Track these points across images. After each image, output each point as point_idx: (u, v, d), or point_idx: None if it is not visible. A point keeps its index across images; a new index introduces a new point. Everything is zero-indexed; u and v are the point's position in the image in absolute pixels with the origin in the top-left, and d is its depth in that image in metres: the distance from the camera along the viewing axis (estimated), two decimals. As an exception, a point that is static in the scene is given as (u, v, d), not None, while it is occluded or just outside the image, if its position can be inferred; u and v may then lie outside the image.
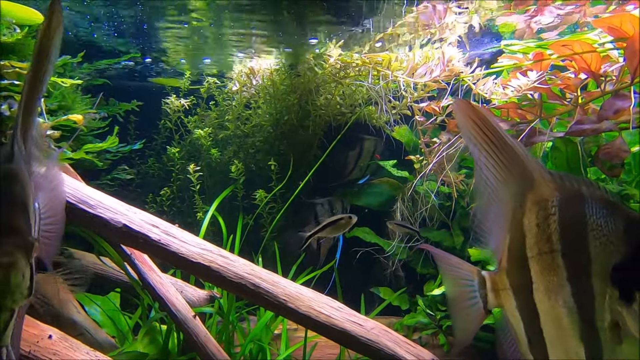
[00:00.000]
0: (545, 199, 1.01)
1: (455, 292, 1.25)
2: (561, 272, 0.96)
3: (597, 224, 0.93)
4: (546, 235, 0.99)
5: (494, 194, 1.10)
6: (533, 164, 1.04)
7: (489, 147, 1.07)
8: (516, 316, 1.08)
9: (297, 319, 2.09)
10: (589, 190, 0.97)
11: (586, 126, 1.96)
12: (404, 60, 2.66)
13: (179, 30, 3.23)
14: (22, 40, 1.79)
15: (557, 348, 0.99)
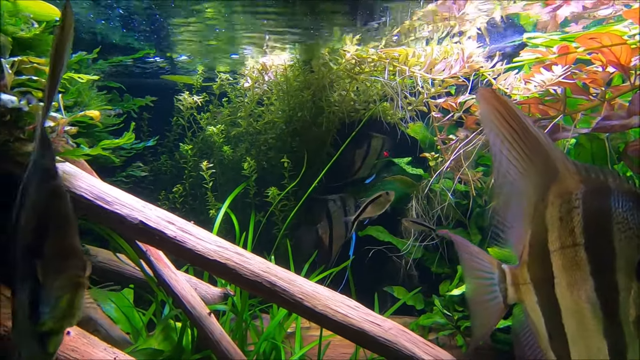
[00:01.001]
0: (570, 192, 0.98)
1: (474, 284, 1.23)
2: (584, 267, 0.94)
3: (622, 218, 0.91)
4: (569, 228, 0.97)
5: (516, 187, 1.07)
6: (557, 154, 1.01)
7: (512, 137, 1.03)
8: (537, 311, 1.06)
9: (314, 318, 2.06)
10: (615, 182, 0.94)
11: (614, 122, 1.89)
12: (421, 55, 2.60)
13: (191, 26, 3.22)
14: (39, 35, 1.78)
15: (579, 343, 0.96)
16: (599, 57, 1.96)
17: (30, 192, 0.92)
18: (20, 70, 1.65)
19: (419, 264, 3.39)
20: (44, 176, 0.93)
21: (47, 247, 0.88)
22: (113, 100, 2.79)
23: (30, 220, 0.91)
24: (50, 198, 0.92)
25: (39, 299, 0.85)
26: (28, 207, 0.91)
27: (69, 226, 0.91)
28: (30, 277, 0.87)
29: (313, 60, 3.37)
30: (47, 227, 0.90)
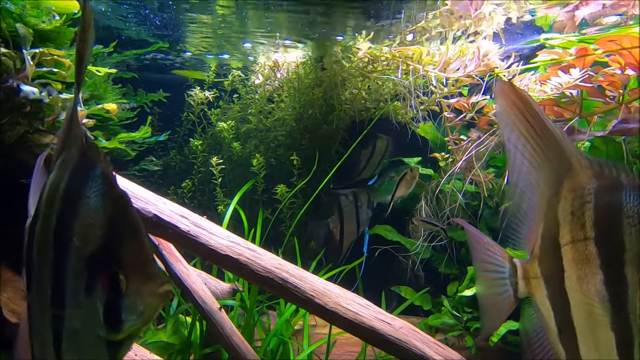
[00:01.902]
0: (582, 186, 0.98)
1: (485, 277, 1.24)
2: (594, 260, 0.95)
3: (633, 212, 0.91)
4: (580, 222, 0.97)
5: (530, 181, 1.08)
6: (572, 149, 1.01)
7: (528, 131, 1.04)
8: (546, 305, 1.06)
9: (324, 315, 2.06)
10: (627, 178, 0.95)
11: (632, 125, 1.88)
12: (435, 55, 2.59)
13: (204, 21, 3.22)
14: (59, 28, 1.79)
15: (587, 337, 0.97)
16: (618, 59, 1.95)
17: (90, 200, 0.88)
18: (40, 62, 1.65)
19: (426, 265, 3.38)
20: (106, 183, 0.89)
21: (124, 256, 0.86)
22: (127, 94, 2.80)
23: (93, 229, 0.87)
24: (119, 205, 0.89)
25: (120, 308, 0.85)
26: (87, 215, 0.87)
27: (142, 233, 0.89)
28: (97, 286, 0.85)
29: (325, 57, 3.36)
30: (120, 235, 0.87)
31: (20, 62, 1.62)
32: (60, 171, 0.95)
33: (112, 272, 0.85)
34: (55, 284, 0.89)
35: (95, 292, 0.86)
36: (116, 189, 0.90)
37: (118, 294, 0.85)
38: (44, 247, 0.92)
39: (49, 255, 0.90)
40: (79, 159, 0.93)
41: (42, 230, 0.93)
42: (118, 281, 0.85)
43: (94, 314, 0.86)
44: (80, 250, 0.87)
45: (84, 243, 0.87)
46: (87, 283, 0.86)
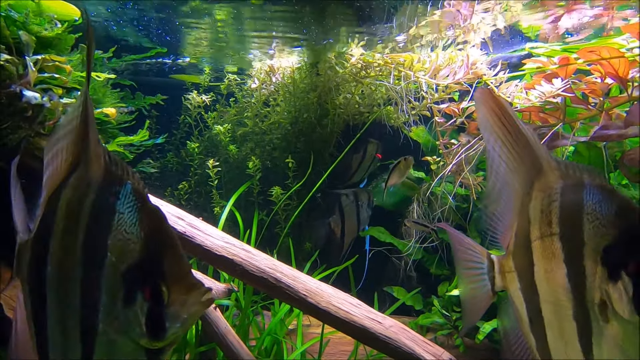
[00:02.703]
0: (551, 186, 1.06)
1: (465, 274, 1.31)
2: (558, 255, 1.02)
3: (592, 209, 0.99)
4: (548, 220, 1.05)
5: (506, 182, 1.16)
6: (542, 152, 1.09)
7: (504, 135, 1.12)
8: (519, 297, 1.13)
9: (317, 314, 2.12)
10: (589, 177, 1.03)
11: (612, 131, 1.96)
12: (426, 62, 2.67)
13: (201, 27, 3.28)
14: (61, 35, 1.84)
15: (554, 327, 1.04)
16: (598, 68, 2.03)
17: (124, 216, 0.90)
18: (42, 68, 1.71)
19: (418, 265, 3.45)
20: (139, 199, 0.91)
21: (166, 268, 0.89)
22: (125, 98, 2.86)
23: (130, 244, 0.89)
24: (154, 220, 0.92)
25: (163, 317, 0.88)
26: (122, 231, 0.89)
27: (179, 246, 0.92)
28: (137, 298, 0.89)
29: (320, 63, 3.44)
30: (159, 248, 0.90)
31: (22, 68, 1.67)
32: (81, 187, 0.93)
33: (155, 284, 0.88)
34: (86, 298, 0.90)
35: (136, 304, 0.89)
36: (149, 204, 0.92)
37: (161, 304, 0.88)
38: (67, 264, 0.92)
39: (75, 271, 0.91)
40: (106, 175, 0.93)
41: (64, 247, 0.92)
42: (161, 292, 0.88)
43: (134, 324, 0.89)
44: (116, 265, 0.89)
45: (120, 258, 0.89)
46: (125, 295, 0.89)
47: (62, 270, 0.93)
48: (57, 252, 0.94)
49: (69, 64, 1.84)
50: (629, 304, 0.93)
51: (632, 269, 0.93)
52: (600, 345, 0.98)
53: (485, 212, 1.21)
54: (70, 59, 1.93)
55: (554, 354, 1.06)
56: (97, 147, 0.95)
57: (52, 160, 1.02)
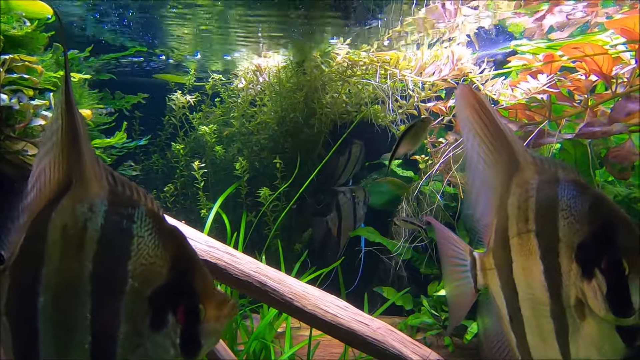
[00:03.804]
0: (527, 182, 1.05)
1: (450, 271, 1.29)
2: (535, 252, 1.01)
3: (566, 205, 0.98)
4: (525, 216, 1.04)
5: (485, 178, 1.15)
6: (519, 148, 1.09)
7: (483, 130, 1.11)
8: (500, 295, 1.13)
9: (303, 318, 2.09)
10: (563, 173, 1.02)
11: (596, 128, 1.96)
12: (412, 59, 2.64)
13: (184, 25, 3.22)
14: (31, 33, 1.78)
15: (532, 325, 1.03)
16: (583, 65, 2.03)
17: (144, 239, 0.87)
18: (11, 68, 1.64)
19: (408, 265, 3.44)
20: (156, 220, 0.88)
21: (197, 286, 0.88)
22: (104, 99, 2.78)
23: (154, 267, 0.86)
24: (176, 240, 0.89)
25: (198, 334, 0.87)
26: (144, 254, 0.86)
27: (200, 262, 0.90)
28: (167, 320, 0.86)
29: (306, 62, 3.40)
30: (186, 268, 0.88)
31: (-10, 69, 1.60)
32: (78, 211, 0.87)
33: (190, 303, 0.86)
34: (98, 330, 0.84)
35: (167, 326, 0.86)
36: (167, 224, 0.89)
37: (195, 322, 0.87)
38: (69, 294, 0.85)
39: (82, 301, 0.84)
40: (112, 197, 0.88)
41: (63, 277, 0.85)
42: (197, 310, 0.87)
43: (167, 347, 0.86)
44: (139, 291, 0.85)
45: (145, 283, 0.85)
46: (152, 320, 0.85)
47: (63, 301, 0.86)
48: (52, 282, 0.86)
49: (41, 64, 1.77)
50: (603, 302, 0.92)
51: (605, 266, 0.92)
52: (577, 343, 0.97)
53: (468, 210, 1.19)
54: (43, 59, 1.86)
55: (533, 352, 1.05)
56: (94, 165, 0.89)
57: (36, 180, 0.94)
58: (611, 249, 0.93)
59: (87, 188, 0.89)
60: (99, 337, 0.85)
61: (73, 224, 0.87)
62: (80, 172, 0.89)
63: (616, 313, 0.91)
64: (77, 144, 0.88)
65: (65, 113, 0.88)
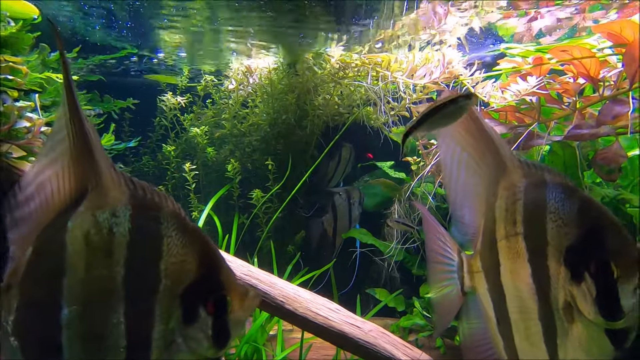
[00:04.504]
0: (514, 185, 1.06)
1: (435, 268, 1.28)
2: (523, 254, 1.01)
3: (554, 208, 0.98)
4: (512, 219, 1.05)
5: (468, 184, 1.15)
6: (506, 151, 1.09)
7: (468, 136, 1.11)
8: (487, 298, 1.13)
9: (295, 321, 2.07)
10: (550, 176, 1.02)
11: (584, 131, 1.98)
12: (403, 62, 2.65)
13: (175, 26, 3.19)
14: (16, 34, 1.74)
15: (520, 328, 1.04)
16: (571, 68, 2.05)
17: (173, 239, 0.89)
18: (-5, 69, 1.61)
19: (401, 266, 3.44)
20: (180, 219, 0.90)
21: (223, 279, 0.90)
22: (93, 100, 2.74)
23: (185, 264, 0.88)
24: (199, 236, 0.92)
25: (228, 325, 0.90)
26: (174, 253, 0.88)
27: (222, 256, 0.94)
28: (199, 314, 0.88)
29: (298, 64, 3.39)
30: (212, 262, 0.91)
31: (-28, 70, 1.57)
32: (101, 218, 0.87)
33: (219, 296, 0.90)
34: (133, 333, 0.85)
35: (199, 320, 0.88)
36: (190, 222, 0.92)
37: (224, 313, 0.90)
38: (99, 302, 0.85)
39: (115, 308, 0.85)
40: (134, 202, 0.88)
41: (92, 285, 0.85)
42: (225, 302, 0.90)
43: (200, 339, 0.89)
44: (172, 289, 0.87)
45: (177, 280, 0.87)
46: (184, 315, 0.88)
47: (93, 310, 0.85)
48: (78, 293, 0.84)
49: (27, 65, 1.74)
50: (592, 305, 0.92)
51: (594, 270, 0.92)
52: (565, 346, 0.97)
53: (453, 214, 1.19)
54: (28, 60, 1.82)
55: (520, 355, 1.05)
56: (111, 171, 0.89)
57: (38, 191, 0.91)
58: (600, 252, 0.93)
59: (105, 195, 0.88)
60: (134, 340, 0.85)
61: (97, 231, 0.86)
62: (97, 179, 0.88)
63: (606, 316, 0.91)
64: (90, 152, 0.88)
65: (73, 121, 0.87)
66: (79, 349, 0.85)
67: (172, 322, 0.87)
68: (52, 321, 0.84)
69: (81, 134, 0.88)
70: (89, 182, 0.89)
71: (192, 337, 0.88)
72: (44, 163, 0.92)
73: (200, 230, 0.94)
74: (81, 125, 0.87)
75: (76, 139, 0.88)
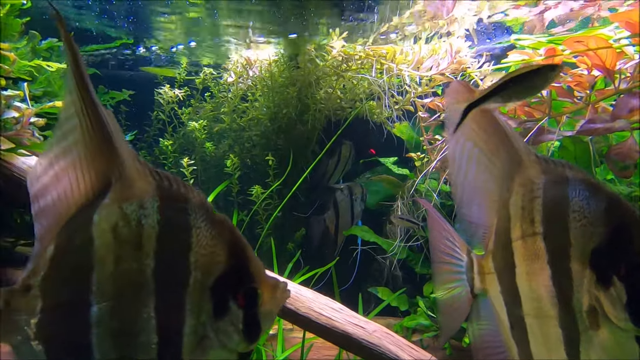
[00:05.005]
0: (532, 181, 0.99)
1: (441, 269, 1.20)
2: (542, 255, 0.95)
3: (578, 207, 0.92)
4: (530, 217, 0.98)
5: (481, 177, 1.08)
6: (521, 145, 1.02)
7: (479, 130, 1.04)
8: (500, 301, 1.06)
9: (296, 321, 2.01)
10: (572, 172, 0.96)
11: (598, 125, 1.90)
12: (409, 54, 2.57)
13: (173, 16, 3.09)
14: (3, 19, 1.65)
15: (537, 333, 0.97)
16: (585, 60, 1.97)
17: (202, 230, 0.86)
18: (-20, 55, 1.52)
19: (404, 265, 3.38)
20: (208, 210, 0.88)
21: (253, 270, 0.88)
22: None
23: (214, 256, 0.86)
24: (228, 227, 0.89)
25: (258, 318, 0.88)
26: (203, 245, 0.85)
27: (250, 247, 0.91)
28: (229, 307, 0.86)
29: (299, 56, 3.30)
30: (241, 254, 0.88)
31: (-43, 56, 1.48)
32: (129, 209, 0.83)
33: (249, 288, 0.87)
34: (164, 329, 0.82)
35: (230, 313, 0.86)
36: (217, 213, 0.89)
37: (255, 306, 0.88)
38: (130, 297, 0.82)
39: (146, 302, 0.81)
40: (162, 192, 0.85)
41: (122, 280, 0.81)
42: (256, 294, 0.88)
43: (231, 333, 0.87)
44: (202, 281, 0.84)
45: (207, 272, 0.85)
46: (215, 309, 0.86)
47: (124, 305, 0.81)
48: (108, 288, 0.81)
49: (15, 52, 1.65)
50: (622, 311, 0.86)
51: (624, 273, 0.85)
52: (588, 353, 0.91)
53: (459, 213, 1.12)
54: (17, 47, 1.73)
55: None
56: (135, 162, 0.86)
57: (54, 184, 0.86)
58: (630, 255, 0.86)
59: (131, 186, 0.85)
60: (166, 335, 0.82)
61: (125, 223, 0.83)
62: (121, 169, 0.85)
63: (637, 323, 0.84)
64: (109, 140, 0.83)
65: (86, 108, 0.82)
66: (109, 348, 0.81)
67: (203, 316, 0.84)
68: (80, 320, 0.80)
69: (97, 121, 0.83)
70: (112, 173, 0.85)
71: (223, 331, 0.86)
72: (56, 153, 0.87)
73: (229, 220, 0.90)
74: (96, 112, 0.82)
75: (92, 127, 0.83)
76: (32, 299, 0.82)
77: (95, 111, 0.82)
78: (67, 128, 0.85)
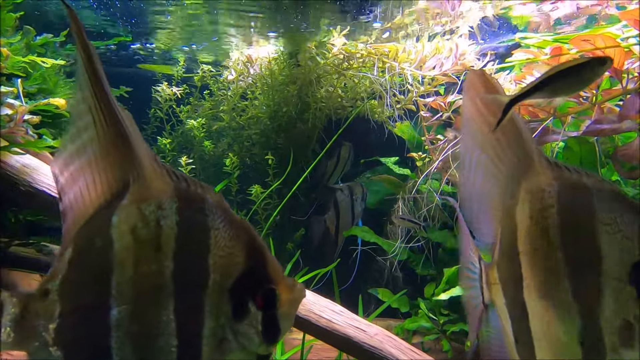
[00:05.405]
0: (542, 188, 0.92)
1: (463, 274, 1.17)
2: (560, 269, 0.89)
3: (610, 219, 0.86)
4: (542, 228, 0.91)
5: (488, 180, 1.02)
6: (533, 148, 0.95)
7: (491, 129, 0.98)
8: (504, 313, 1.01)
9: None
10: (591, 180, 0.90)
11: (605, 126, 1.87)
12: (411, 52, 2.53)
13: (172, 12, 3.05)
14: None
15: (546, 350, 0.92)
16: (591, 59, 1.93)
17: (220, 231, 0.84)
18: (-28, 50, 1.47)
19: (404, 266, 3.34)
20: (225, 210, 0.86)
21: (270, 271, 0.86)
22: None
23: (232, 257, 0.84)
24: (246, 228, 0.87)
25: (277, 319, 0.86)
26: (222, 246, 0.84)
27: (268, 248, 0.89)
28: (248, 309, 0.84)
29: (300, 53, 3.26)
30: (259, 255, 0.86)
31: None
32: (147, 211, 0.81)
33: (268, 289, 0.86)
34: (183, 332, 0.80)
35: (249, 315, 0.85)
36: (234, 214, 0.88)
37: (274, 307, 0.86)
38: (150, 300, 0.80)
39: (165, 305, 0.79)
40: (179, 193, 0.83)
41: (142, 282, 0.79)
42: (274, 295, 0.86)
43: (251, 335, 0.85)
44: (221, 283, 0.83)
45: (226, 274, 0.83)
46: (234, 311, 0.84)
47: (144, 308, 0.80)
48: (128, 290, 0.79)
49: (8, 48, 1.60)
50: None
51: None
52: None
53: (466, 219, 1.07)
54: (10, 42, 1.68)
55: None
56: (152, 162, 0.83)
57: (70, 185, 0.85)
58: None
59: (149, 186, 0.83)
60: (185, 338, 0.81)
61: (144, 225, 0.81)
62: (138, 170, 0.83)
63: None
64: (125, 140, 0.81)
65: (100, 107, 0.79)
66: (129, 352, 0.80)
67: (222, 318, 0.83)
68: (100, 324, 0.79)
69: (112, 120, 0.81)
70: (130, 173, 0.83)
71: (242, 333, 0.84)
72: (71, 152, 0.84)
73: (246, 221, 0.89)
74: (111, 110, 0.80)
75: (107, 125, 0.81)
76: (50, 303, 0.80)
77: (111, 109, 0.79)
78: (79, 126, 0.83)
